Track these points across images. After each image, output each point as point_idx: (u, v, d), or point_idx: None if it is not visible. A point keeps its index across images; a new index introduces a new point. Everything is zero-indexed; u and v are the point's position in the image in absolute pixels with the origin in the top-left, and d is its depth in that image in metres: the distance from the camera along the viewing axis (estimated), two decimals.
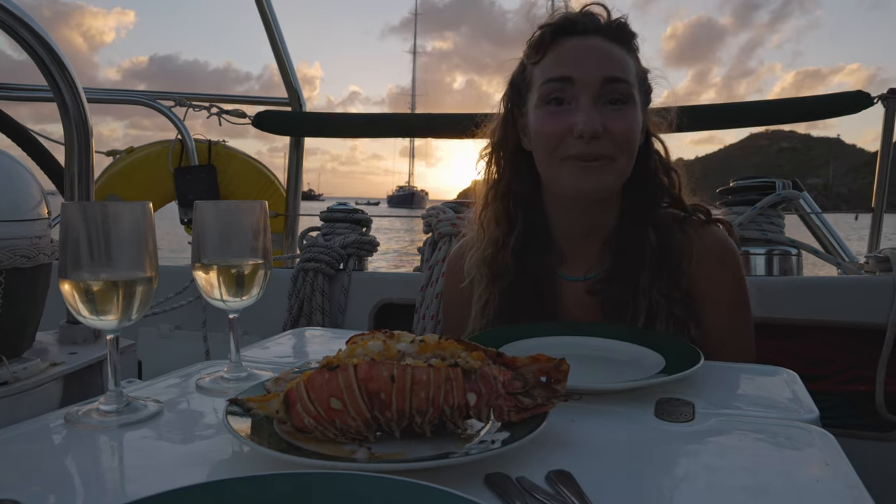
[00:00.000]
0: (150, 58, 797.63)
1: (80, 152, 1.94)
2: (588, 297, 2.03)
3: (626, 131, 1.88)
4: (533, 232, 2.09)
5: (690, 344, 1.66)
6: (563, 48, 1.94)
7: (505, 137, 2.10)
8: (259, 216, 1.50)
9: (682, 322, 1.94)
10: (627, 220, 2.04)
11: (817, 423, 1.25)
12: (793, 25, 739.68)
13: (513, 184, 2.10)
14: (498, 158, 2.14)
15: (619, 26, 1.97)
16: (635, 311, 1.94)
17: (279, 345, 1.94)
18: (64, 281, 1.23)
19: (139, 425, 1.25)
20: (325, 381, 1.05)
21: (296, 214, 4.32)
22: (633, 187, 2.02)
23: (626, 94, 1.89)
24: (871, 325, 2.78)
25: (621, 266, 2.00)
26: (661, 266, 1.97)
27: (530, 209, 2.10)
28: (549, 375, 1.17)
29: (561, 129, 1.88)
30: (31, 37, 1.76)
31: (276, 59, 4.24)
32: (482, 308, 2.11)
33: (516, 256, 2.07)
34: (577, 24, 1.94)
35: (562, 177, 1.92)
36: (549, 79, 1.92)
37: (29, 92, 4.26)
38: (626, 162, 1.92)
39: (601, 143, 1.85)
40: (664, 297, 1.94)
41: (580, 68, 1.88)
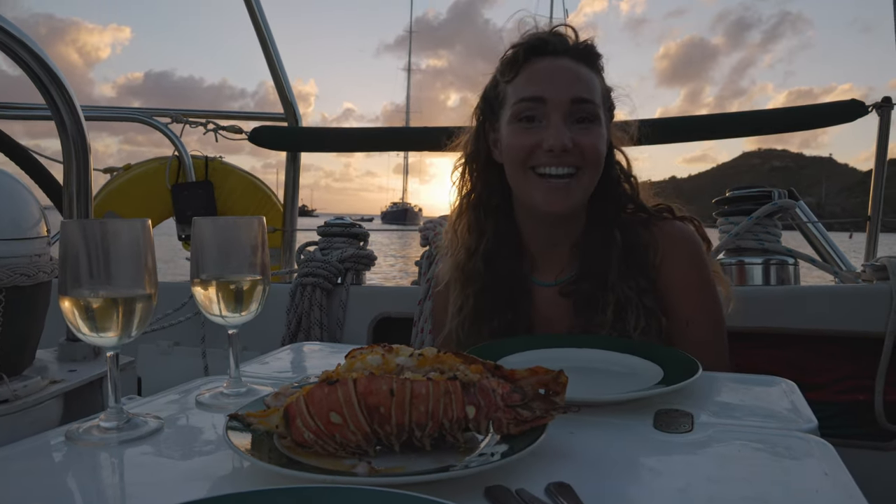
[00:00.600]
0: (145, 74, 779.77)
1: (79, 170, 1.94)
2: (560, 299, 2.09)
3: (592, 146, 1.98)
4: (503, 240, 2.17)
5: (688, 355, 1.66)
6: (535, 68, 2.03)
7: (477, 150, 2.19)
8: (257, 232, 1.51)
9: (653, 312, 1.99)
10: (593, 225, 2.12)
11: (816, 432, 1.25)
12: (785, 45, 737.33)
13: (483, 194, 2.19)
14: (470, 170, 2.22)
15: (586, 48, 2.07)
16: (604, 304, 1.99)
17: (278, 360, 1.94)
18: (64, 298, 1.23)
19: (139, 442, 1.25)
20: (325, 396, 1.05)
21: (293, 229, 4.32)
22: (598, 196, 2.10)
23: (593, 113, 1.99)
24: (868, 333, 2.78)
25: (589, 265, 2.07)
26: (628, 261, 2.04)
27: (501, 218, 2.17)
28: (548, 387, 1.17)
29: (531, 143, 1.97)
30: (29, 56, 1.76)
31: (271, 75, 4.25)
32: (457, 311, 2.17)
33: (486, 262, 2.14)
34: (547, 45, 2.03)
35: (531, 192, 2.01)
36: (522, 98, 2.01)
37: (26, 110, 4.27)
38: (591, 176, 2.01)
39: (570, 156, 1.95)
40: (632, 289, 2.00)
41: (551, 88, 1.97)
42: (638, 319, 1.96)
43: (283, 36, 4.47)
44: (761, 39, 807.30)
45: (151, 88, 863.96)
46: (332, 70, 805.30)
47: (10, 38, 1.71)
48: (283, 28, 56.91)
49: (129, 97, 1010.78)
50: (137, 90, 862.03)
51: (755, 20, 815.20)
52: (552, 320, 2.10)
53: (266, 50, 4.19)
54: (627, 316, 1.97)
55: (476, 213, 2.18)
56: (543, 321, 2.12)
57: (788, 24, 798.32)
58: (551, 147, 1.92)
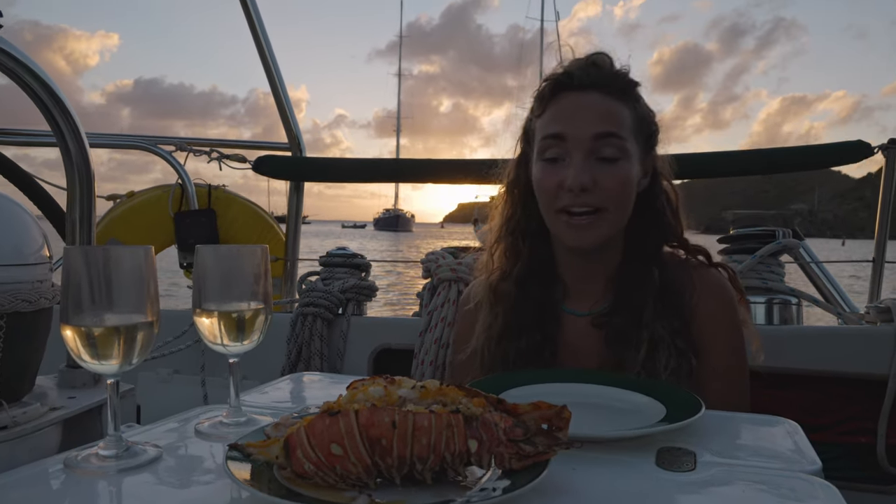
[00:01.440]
0: (134, 81, 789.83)
1: (82, 197, 1.95)
2: (592, 330, 2.07)
3: (616, 186, 1.95)
4: (538, 265, 2.16)
5: (691, 393, 1.66)
6: (560, 104, 2.02)
7: (518, 178, 2.19)
8: (260, 260, 1.51)
9: (684, 353, 1.97)
10: (631, 258, 2.10)
11: (820, 474, 1.25)
12: (778, 52, 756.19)
13: (522, 221, 2.18)
14: (512, 197, 2.22)
15: (616, 78, 2.03)
16: (638, 342, 1.97)
17: (278, 389, 1.94)
18: (66, 326, 1.23)
19: (138, 470, 1.24)
20: (326, 427, 1.05)
21: (295, 259, 4.32)
22: (639, 228, 2.09)
23: (619, 147, 1.95)
24: (872, 375, 2.77)
25: (625, 300, 2.04)
26: (664, 300, 2.02)
27: (538, 246, 2.17)
28: (551, 423, 1.16)
29: (555, 183, 1.97)
30: (36, 82, 1.77)
31: (276, 105, 4.26)
32: (486, 329, 2.16)
33: (519, 285, 2.14)
34: (573, 79, 2.00)
35: (558, 229, 2.02)
36: (545, 136, 2.01)
37: (30, 136, 4.28)
38: (617, 213, 1.99)
39: (592, 195, 1.93)
40: (666, 329, 1.98)
41: (572, 125, 1.96)
42: (669, 359, 1.95)
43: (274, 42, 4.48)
44: (755, 46, 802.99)
45: (141, 96, 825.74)
46: (324, 76, 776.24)
47: (17, 64, 1.72)
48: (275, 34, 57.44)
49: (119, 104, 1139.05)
50: (127, 97, 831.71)
51: (749, 26, 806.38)
52: (581, 351, 2.08)
53: (272, 80, 4.21)
54: (659, 355, 1.95)
55: (514, 237, 2.19)
56: (572, 351, 2.10)
57: (782, 31, 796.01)
58: (570, 187, 1.92)
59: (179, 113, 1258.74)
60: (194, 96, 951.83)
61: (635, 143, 2.00)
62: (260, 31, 4.12)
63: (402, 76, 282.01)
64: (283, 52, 33.28)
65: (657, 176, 2.12)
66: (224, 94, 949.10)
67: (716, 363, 2.01)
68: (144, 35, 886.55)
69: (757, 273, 3.19)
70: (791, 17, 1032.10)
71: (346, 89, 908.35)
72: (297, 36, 58.55)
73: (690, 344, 1.99)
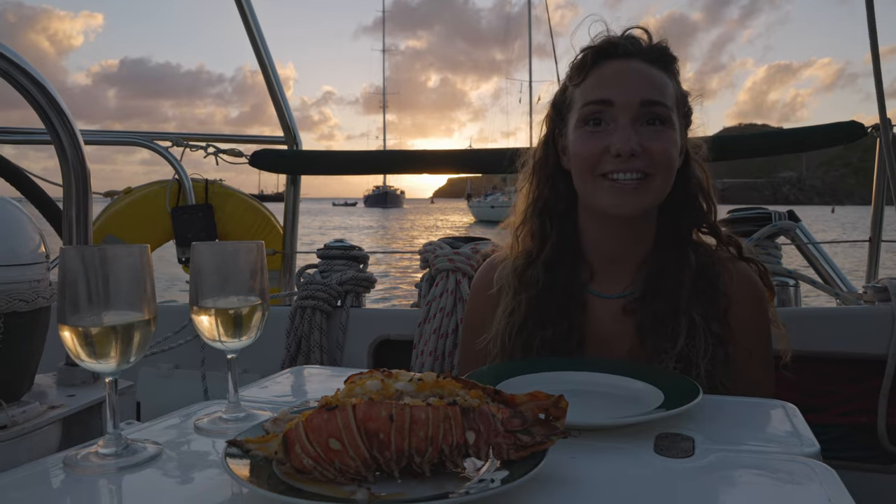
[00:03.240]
0: (120, 61, 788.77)
1: (78, 195, 1.95)
2: (622, 315, 2.04)
3: (662, 151, 1.91)
4: (565, 247, 2.12)
5: (689, 379, 1.66)
6: (604, 71, 1.98)
7: (546, 157, 2.15)
8: (256, 256, 1.51)
9: (721, 341, 1.95)
10: (665, 241, 2.07)
11: (818, 457, 1.25)
12: (763, 21, 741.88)
13: (550, 201, 2.14)
14: (538, 178, 2.18)
15: (658, 50, 2.01)
16: (675, 328, 1.95)
17: (277, 384, 1.94)
18: (63, 326, 1.23)
19: (138, 468, 1.24)
20: (324, 422, 1.05)
21: (293, 252, 4.33)
22: (671, 210, 2.06)
23: (664, 116, 1.93)
24: (871, 355, 2.78)
25: (660, 285, 2.01)
26: (699, 287, 1.99)
27: (565, 226, 2.13)
28: (548, 412, 1.17)
29: (599, 148, 1.92)
30: (29, 82, 1.77)
31: (272, 99, 4.27)
32: (508, 315, 2.12)
33: (547, 269, 2.10)
34: (617, 48, 1.98)
35: (599, 195, 1.96)
36: (589, 101, 1.96)
37: (25, 134, 4.28)
38: (662, 181, 1.94)
39: (638, 161, 1.89)
40: (702, 316, 1.95)
41: (619, 91, 1.92)
42: (706, 347, 1.92)
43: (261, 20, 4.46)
44: (739, 15, 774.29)
45: (127, 76, 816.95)
46: (311, 54, 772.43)
47: (11, 65, 1.72)
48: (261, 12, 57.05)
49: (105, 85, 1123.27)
50: (113, 78, 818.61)
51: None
52: (611, 336, 2.05)
53: (266, 75, 4.22)
54: (696, 343, 1.93)
55: (541, 219, 2.15)
56: (600, 337, 2.07)
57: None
58: (618, 151, 1.87)
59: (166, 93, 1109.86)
60: (181, 75, 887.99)
61: (677, 116, 1.99)
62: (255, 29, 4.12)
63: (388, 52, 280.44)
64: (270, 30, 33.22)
65: (690, 158, 2.09)
66: (211, 72, 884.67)
67: (745, 356, 1.99)
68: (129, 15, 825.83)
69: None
70: None
71: (333, 66, 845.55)
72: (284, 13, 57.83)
73: (726, 331, 1.97)
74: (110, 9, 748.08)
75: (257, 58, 4.18)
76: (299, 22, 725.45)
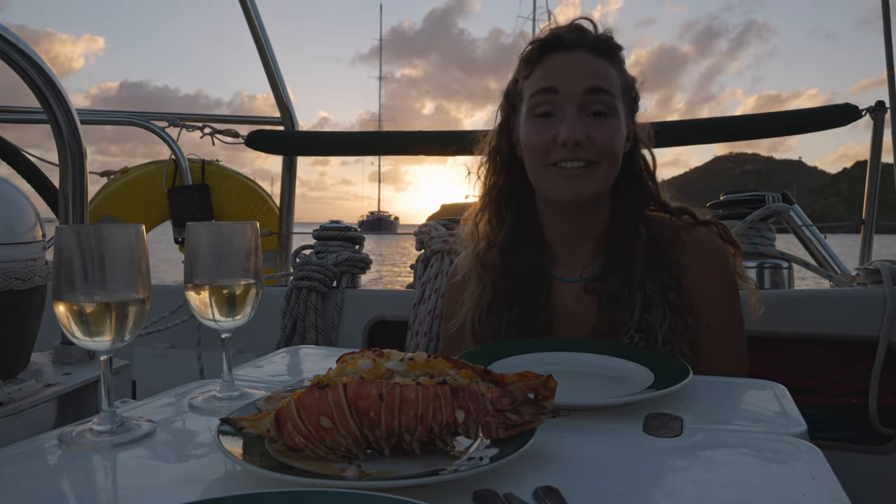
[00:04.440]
0: (119, 84, 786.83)
1: (75, 174, 1.95)
2: (585, 295, 2.08)
3: (607, 140, 1.96)
4: (523, 232, 2.17)
5: (679, 359, 1.67)
6: (550, 63, 2.03)
7: (500, 145, 2.19)
8: (250, 236, 1.52)
9: (679, 310, 1.98)
10: (617, 219, 2.11)
11: (805, 436, 1.26)
12: (751, 53, 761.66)
13: (506, 188, 2.19)
14: (493, 165, 2.22)
15: (603, 40, 2.05)
16: (631, 301, 1.98)
17: (272, 363, 1.95)
18: (58, 303, 1.24)
19: (133, 445, 1.25)
20: (316, 400, 1.06)
21: (289, 232, 4.33)
22: (621, 191, 2.11)
23: (609, 104, 1.98)
24: (863, 337, 2.79)
25: (615, 261, 2.06)
26: (653, 258, 2.03)
27: (522, 212, 2.18)
28: (537, 392, 1.18)
29: (547, 138, 1.97)
30: (24, 61, 1.77)
31: (268, 79, 4.26)
32: (475, 301, 2.17)
33: (504, 254, 2.16)
34: (562, 40, 2.02)
35: (549, 183, 2.02)
36: (536, 90, 2.01)
37: (21, 114, 4.28)
38: (607, 168, 2.00)
39: (584, 150, 1.94)
40: (658, 286, 1.99)
41: (564, 80, 1.97)
42: (664, 317, 1.95)
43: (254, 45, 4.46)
44: (728, 47, 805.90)
45: (126, 99, 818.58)
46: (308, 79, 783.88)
47: (6, 43, 1.72)
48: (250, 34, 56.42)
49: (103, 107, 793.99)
50: (112, 100, 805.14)
51: (722, 29, 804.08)
52: (575, 317, 2.08)
53: (262, 54, 4.21)
54: (653, 313, 1.96)
55: (497, 205, 2.20)
56: (566, 317, 2.11)
57: (754, 33, 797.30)
58: (564, 141, 1.92)
59: None
60: (179, 99, 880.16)
61: (622, 103, 2.03)
62: (251, 6, 4.11)
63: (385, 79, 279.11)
64: None
65: (637, 142, 2.14)
66: (209, 96, 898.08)
67: (711, 319, 2.02)
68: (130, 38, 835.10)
69: (747, 238, 3.21)
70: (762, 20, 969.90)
71: (329, 93, 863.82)
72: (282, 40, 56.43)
73: (683, 300, 2.00)
74: (111, 32, 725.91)
75: (254, 38, 4.18)
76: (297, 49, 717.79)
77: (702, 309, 2.02)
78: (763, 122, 3.66)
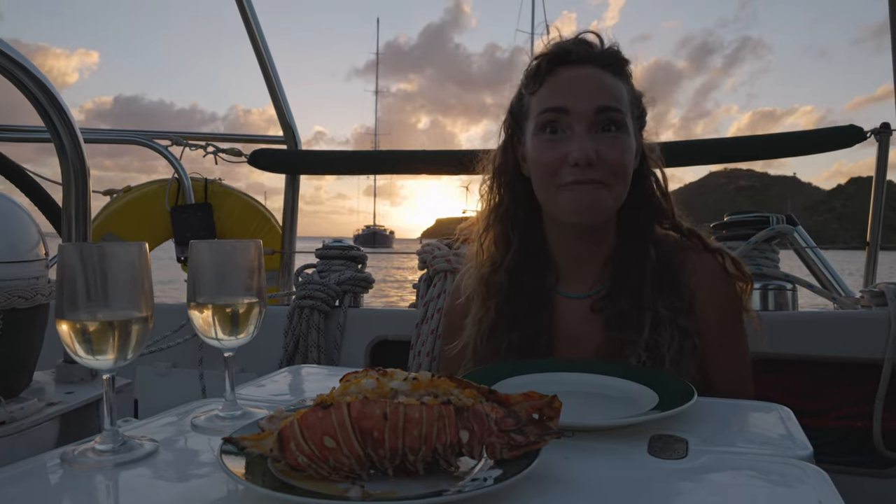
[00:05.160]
0: (114, 98, 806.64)
1: (78, 193, 1.95)
2: (591, 314, 2.05)
3: (619, 158, 1.93)
4: (529, 252, 2.14)
5: (684, 381, 1.66)
6: (558, 78, 1.99)
7: (505, 163, 2.16)
8: (254, 255, 1.52)
9: (686, 333, 1.95)
10: (626, 237, 2.08)
11: (811, 460, 1.25)
12: (746, 70, 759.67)
13: (511, 208, 2.15)
14: (498, 183, 2.19)
15: (611, 54, 2.02)
16: (640, 322, 1.96)
17: (274, 382, 1.94)
18: (61, 321, 1.24)
19: (135, 464, 1.25)
20: (319, 420, 1.06)
21: (292, 251, 4.33)
22: (630, 208, 2.06)
23: (619, 121, 1.94)
24: (867, 360, 2.78)
25: (623, 280, 2.03)
26: (662, 279, 2.00)
27: (528, 231, 2.15)
28: (542, 412, 1.17)
29: (557, 157, 1.93)
30: (29, 80, 1.78)
31: (271, 98, 4.27)
32: (477, 322, 2.14)
33: (511, 275, 2.12)
34: (570, 54, 1.99)
35: (559, 203, 1.97)
36: (545, 109, 1.97)
37: (25, 132, 4.29)
38: (620, 187, 1.96)
39: (595, 169, 1.90)
40: (667, 308, 1.96)
41: (574, 98, 1.93)
42: (672, 338, 1.92)
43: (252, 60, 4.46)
44: (723, 63, 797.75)
45: (120, 113, 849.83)
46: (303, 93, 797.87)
47: (11, 62, 1.73)
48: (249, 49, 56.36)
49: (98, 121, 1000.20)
50: (107, 115, 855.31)
51: (717, 45, 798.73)
52: (578, 336, 2.06)
53: (266, 74, 4.22)
54: (662, 335, 1.93)
55: (503, 225, 2.16)
56: (569, 336, 2.08)
57: (749, 49, 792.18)
58: (576, 160, 1.88)
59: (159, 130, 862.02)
60: (174, 113, 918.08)
61: (631, 119, 2.00)
62: (254, 24, 4.12)
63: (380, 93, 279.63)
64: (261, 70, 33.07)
65: (645, 158, 2.10)
66: (204, 111, 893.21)
67: (716, 343, 2.00)
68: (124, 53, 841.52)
69: (751, 259, 3.20)
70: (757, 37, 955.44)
71: (324, 107, 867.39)
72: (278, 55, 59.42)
73: (691, 323, 1.97)
74: (106, 47, 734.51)
75: (257, 57, 4.19)
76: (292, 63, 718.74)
77: (708, 333, 1.99)
78: (766, 144, 3.66)
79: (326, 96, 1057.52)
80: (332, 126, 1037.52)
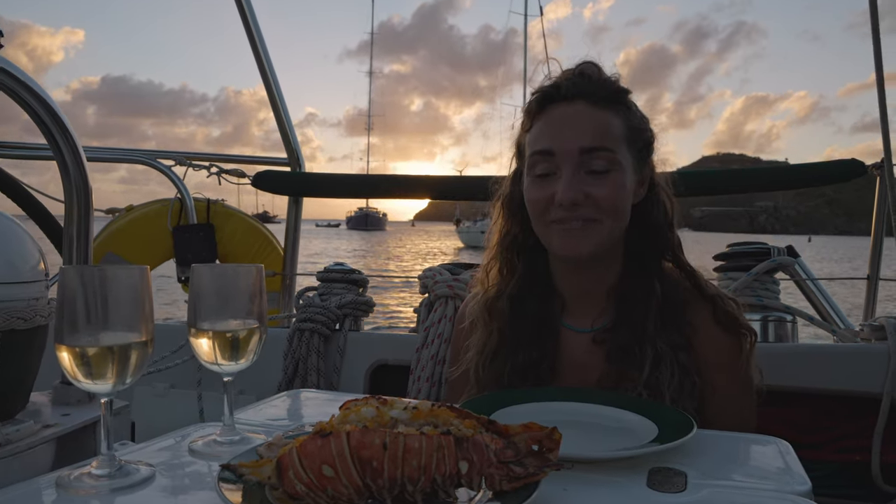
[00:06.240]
0: (101, 78, 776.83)
1: (80, 212, 1.95)
2: (593, 346, 2.05)
3: (607, 197, 1.92)
4: (534, 281, 2.15)
5: (684, 413, 1.66)
6: (547, 118, 2.00)
7: (513, 193, 2.18)
8: (255, 279, 1.51)
9: (687, 371, 1.94)
10: (631, 269, 2.08)
11: (810, 495, 1.25)
12: (740, 54, 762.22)
13: (519, 237, 2.17)
14: (507, 213, 2.21)
15: (605, 87, 2.00)
16: (641, 357, 1.94)
17: (273, 407, 1.94)
18: (60, 346, 1.23)
19: (131, 490, 1.24)
20: (318, 448, 1.05)
21: (293, 274, 4.33)
22: (636, 238, 2.07)
23: (609, 160, 1.92)
24: (866, 393, 2.78)
25: (626, 313, 2.02)
26: (665, 315, 1.99)
27: (533, 261, 2.16)
28: (541, 444, 1.17)
29: (545, 196, 1.96)
30: (33, 99, 1.78)
31: (276, 120, 4.29)
32: (481, 347, 2.15)
33: (515, 302, 2.13)
34: (560, 90, 1.99)
35: (550, 239, 2.00)
36: (533, 152, 2.00)
37: (27, 150, 4.29)
38: (611, 223, 1.96)
39: (583, 209, 1.91)
40: (669, 345, 1.95)
41: (559, 141, 1.94)
42: (672, 376, 1.91)
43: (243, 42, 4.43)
44: (718, 48, 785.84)
45: (107, 94, 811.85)
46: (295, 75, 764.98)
47: (15, 82, 1.73)
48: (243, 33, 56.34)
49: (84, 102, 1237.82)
50: (93, 96, 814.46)
51: (712, 29, 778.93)
52: (580, 367, 2.05)
53: (271, 95, 4.24)
54: (662, 372, 1.92)
55: (510, 253, 2.19)
56: (572, 366, 2.07)
57: (743, 34, 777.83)
58: (561, 202, 1.89)
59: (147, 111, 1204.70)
60: (163, 94, 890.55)
61: (628, 152, 1.97)
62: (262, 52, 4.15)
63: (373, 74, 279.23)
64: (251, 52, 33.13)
65: (654, 187, 2.09)
66: (194, 92, 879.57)
67: (717, 383, 1.98)
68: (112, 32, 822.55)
69: (752, 290, 3.20)
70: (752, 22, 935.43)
71: (316, 88, 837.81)
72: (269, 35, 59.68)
73: (692, 360, 1.96)
74: (92, 25, 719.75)
75: (263, 80, 4.21)
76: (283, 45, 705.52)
77: (710, 373, 1.98)
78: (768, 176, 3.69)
79: (318, 78, 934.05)
80: (323, 108, 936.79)
